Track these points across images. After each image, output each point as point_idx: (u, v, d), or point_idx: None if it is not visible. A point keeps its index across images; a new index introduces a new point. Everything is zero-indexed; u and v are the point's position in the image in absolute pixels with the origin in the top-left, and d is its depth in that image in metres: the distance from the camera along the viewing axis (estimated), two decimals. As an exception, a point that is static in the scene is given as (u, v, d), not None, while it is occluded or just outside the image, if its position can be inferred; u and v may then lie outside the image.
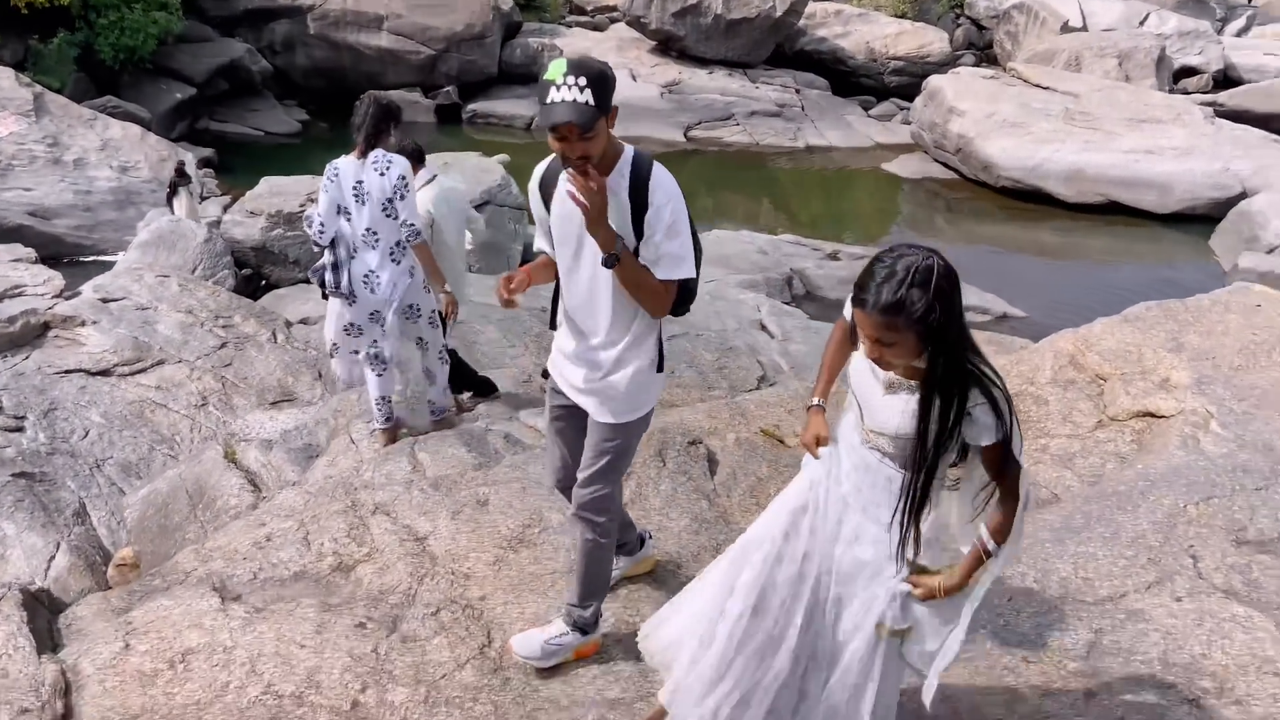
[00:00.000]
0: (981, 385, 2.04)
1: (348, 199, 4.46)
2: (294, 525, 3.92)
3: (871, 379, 2.20)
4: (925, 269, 1.94)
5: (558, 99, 2.42)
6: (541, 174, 2.81)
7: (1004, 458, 2.10)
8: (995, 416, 2.04)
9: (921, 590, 2.23)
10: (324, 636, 3.17)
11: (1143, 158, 20.87)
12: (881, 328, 1.98)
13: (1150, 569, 3.25)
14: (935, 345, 2.00)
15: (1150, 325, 4.97)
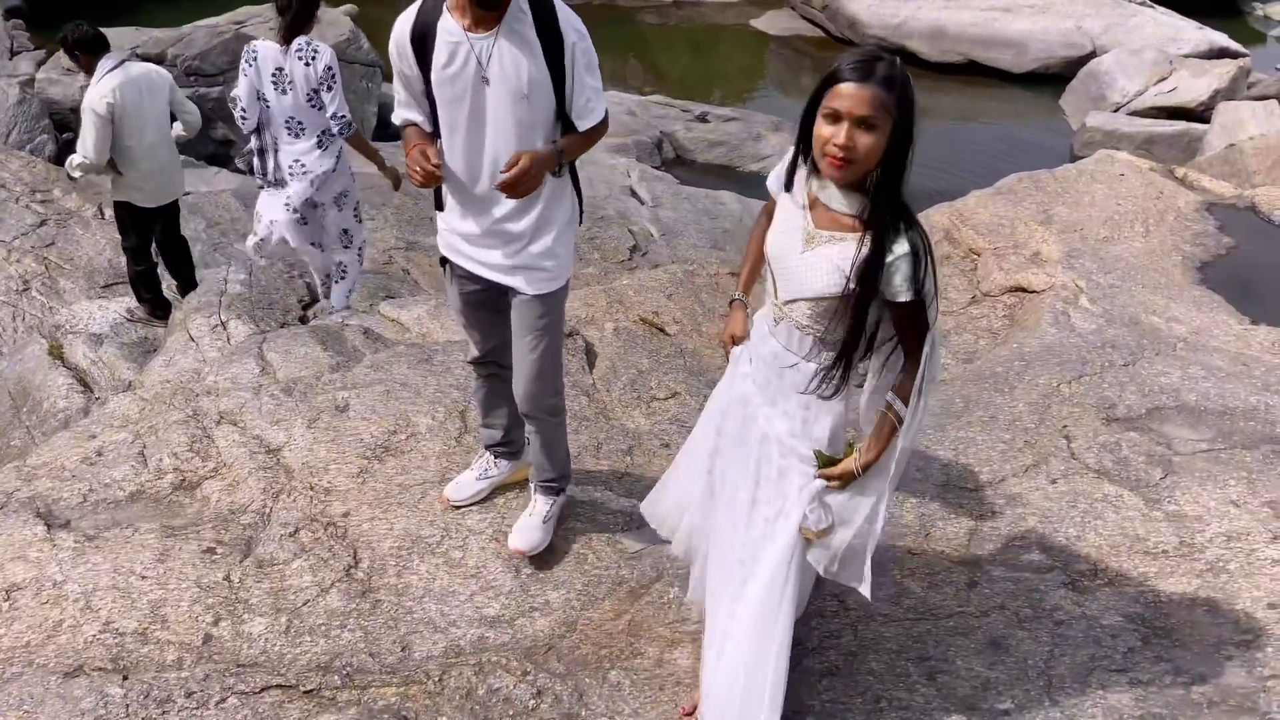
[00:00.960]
0: (909, 232, 1.88)
1: (266, 86, 4.37)
2: (128, 437, 3.54)
3: (789, 239, 2.01)
4: (901, 69, 1.84)
5: None
6: (410, 27, 2.37)
7: (914, 315, 1.94)
8: (913, 268, 1.87)
9: (837, 477, 2.08)
10: (167, 565, 2.87)
11: (1001, 16, 21.05)
12: (876, 104, 1.79)
13: (1027, 452, 3.28)
14: (896, 153, 1.83)
15: (1021, 198, 4.97)
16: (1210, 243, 4.89)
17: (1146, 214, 5.01)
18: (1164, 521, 2.96)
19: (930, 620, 2.66)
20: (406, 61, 2.39)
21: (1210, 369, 3.71)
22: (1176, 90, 17.39)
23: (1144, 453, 3.26)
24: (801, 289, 2.00)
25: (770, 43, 23.34)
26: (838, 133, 1.83)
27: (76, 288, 7.34)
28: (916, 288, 1.88)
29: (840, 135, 1.82)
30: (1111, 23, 20.86)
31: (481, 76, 2.30)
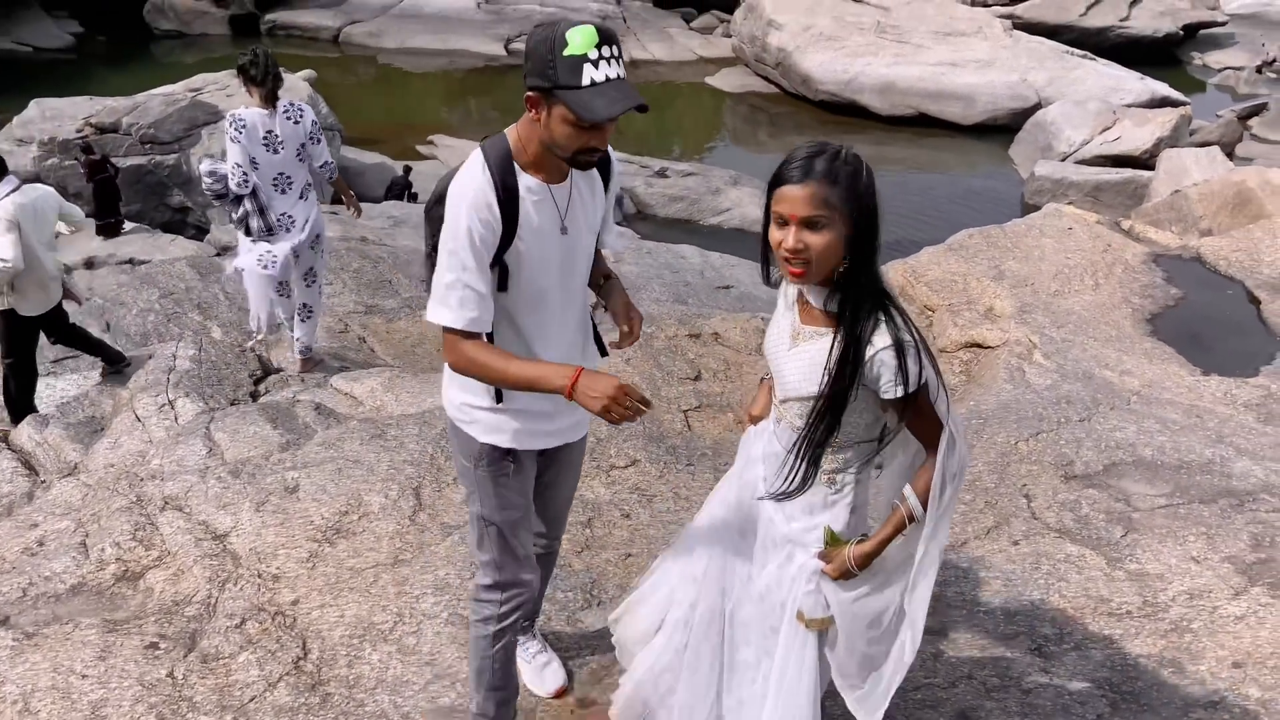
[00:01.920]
0: (890, 325, 1.80)
1: (257, 149, 4.72)
2: (71, 526, 3.42)
3: (779, 336, 1.97)
4: (854, 156, 1.79)
5: (610, 76, 1.86)
6: (494, 189, 1.98)
7: (917, 413, 1.85)
8: (898, 363, 1.78)
9: (832, 563, 1.98)
10: (109, 663, 2.75)
11: (948, 70, 21.63)
12: (817, 202, 1.74)
13: (988, 513, 3.26)
14: (858, 247, 1.78)
15: (973, 253, 5.02)
16: (1159, 294, 4.97)
17: (1095, 267, 5.09)
18: (1126, 581, 2.95)
19: (898, 694, 2.60)
20: (491, 228, 1.98)
21: (1165, 422, 3.74)
22: (1121, 139, 17.90)
23: (1104, 510, 3.25)
24: (788, 388, 1.95)
25: (726, 99, 23.77)
26: (786, 236, 1.78)
27: (24, 364, 7.16)
28: (906, 381, 1.80)
29: (789, 239, 1.78)
30: (1055, 75, 21.51)
31: (561, 227, 2.08)
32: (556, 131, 1.92)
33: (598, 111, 1.84)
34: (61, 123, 14.45)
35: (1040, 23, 25.88)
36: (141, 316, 7.61)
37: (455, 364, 2.07)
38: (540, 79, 1.88)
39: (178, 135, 14.29)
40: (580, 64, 1.84)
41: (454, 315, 2.00)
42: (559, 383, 1.93)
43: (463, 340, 2.01)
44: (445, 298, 2.00)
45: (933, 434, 1.87)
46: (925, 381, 1.82)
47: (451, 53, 25.01)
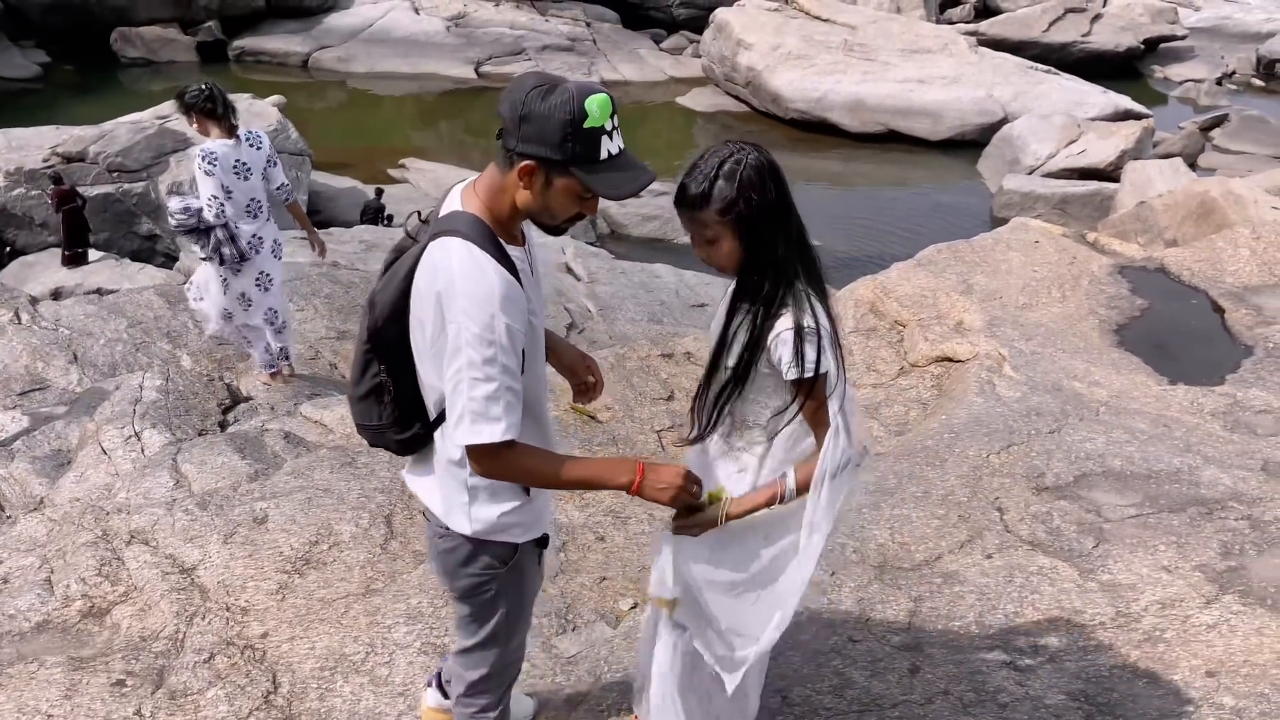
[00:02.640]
0: (796, 309, 1.87)
1: (230, 178, 4.86)
2: (35, 562, 3.36)
3: (719, 318, 2.05)
4: (734, 161, 1.85)
5: (621, 147, 1.77)
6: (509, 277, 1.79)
7: (807, 394, 1.90)
8: (795, 349, 1.85)
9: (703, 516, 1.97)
10: (75, 701, 2.70)
11: (916, 87, 21.87)
12: (695, 224, 1.89)
13: (961, 527, 3.27)
14: (751, 243, 1.88)
15: (942, 268, 5.06)
16: (1124, 305, 5.02)
17: (1062, 279, 5.14)
18: (1099, 592, 2.96)
19: (875, 712, 2.60)
20: (525, 319, 1.80)
21: (1133, 432, 3.77)
22: (1086, 152, 18.15)
23: (1075, 522, 3.27)
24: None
25: (698, 119, 23.91)
26: (695, 249, 1.95)
27: (-10, 397, 7.06)
28: (801, 365, 1.86)
29: (696, 251, 1.95)
30: (1020, 90, 21.80)
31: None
32: (555, 202, 1.79)
33: (621, 189, 1.75)
34: (28, 152, 14.30)
35: (1004, 39, 26.26)
36: (109, 346, 7.51)
37: (500, 475, 1.87)
38: (550, 150, 1.71)
39: (146, 163, 14.17)
40: (599, 137, 1.72)
41: (503, 427, 1.77)
42: (624, 480, 1.85)
43: (506, 450, 1.80)
44: (487, 410, 1.75)
45: (817, 423, 1.93)
46: (823, 372, 1.88)
47: (421, 76, 25.01)
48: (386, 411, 1.97)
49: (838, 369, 1.93)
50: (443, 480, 1.99)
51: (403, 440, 2.01)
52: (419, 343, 1.86)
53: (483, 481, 1.92)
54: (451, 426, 1.81)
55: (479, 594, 2.07)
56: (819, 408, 1.91)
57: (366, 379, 1.96)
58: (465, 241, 1.78)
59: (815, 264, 1.95)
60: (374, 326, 1.91)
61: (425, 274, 1.80)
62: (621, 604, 3.17)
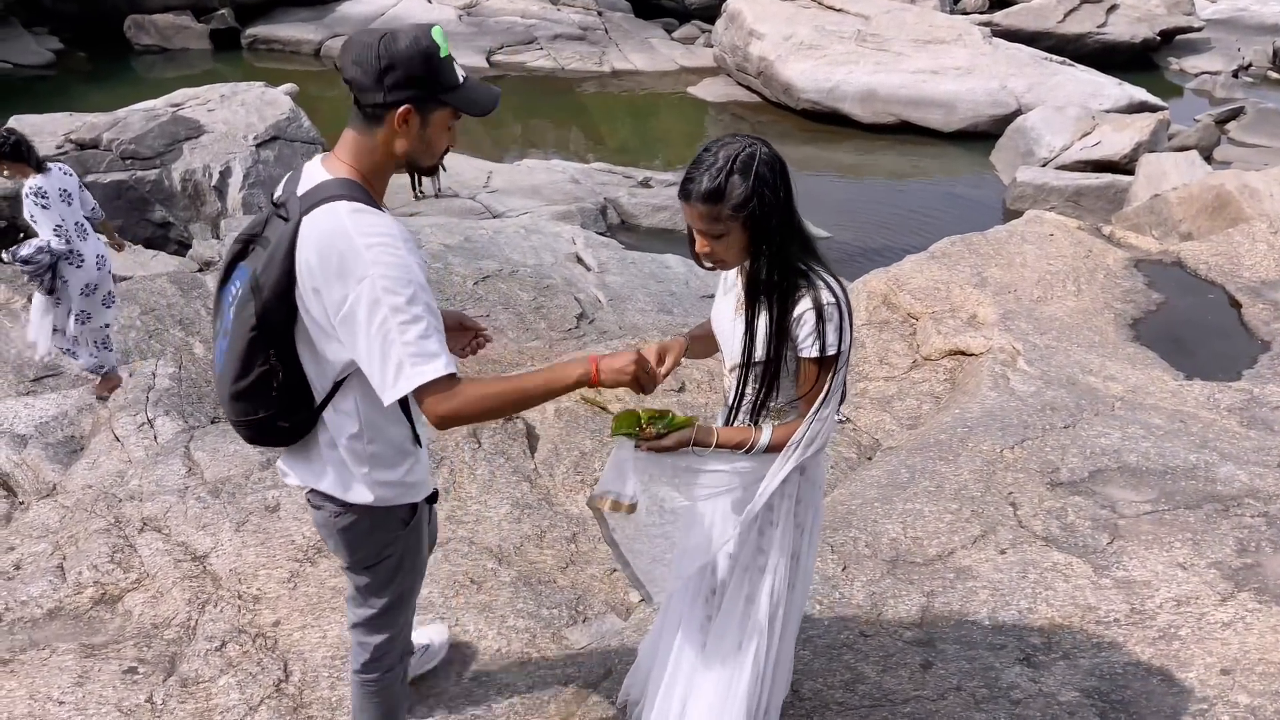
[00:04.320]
0: (813, 291, 1.91)
1: (61, 208, 5.07)
2: (48, 549, 3.37)
3: (725, 312, 2.08)
4: (747, 156, 1.86)
5: (464, 71, 1.88)
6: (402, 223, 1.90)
7: (816, 377, 1.95)
8: (816, 327, 1.90)
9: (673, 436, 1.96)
10: (86, 688, 2.71)
11: (929, 78, 21.73)
12: (704, 218, 1.89)
13: (975, 522, 3.25)
14: (759, 239, 1.89)
15: (955, 261, 5.02)
16: (1140, 299, 4.99)
17: (1077, 273, 5.10)
18: (1114, 589, 2.94)
19: (887, 707, 2.59)
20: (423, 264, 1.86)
21: (1149, 428, 3.74)
22: (1100, 144, 18.02)
23: (1089, 517, 3.25)
24: (732, 356, 2.04)
25: (709, 109, 23.83)
26: (697, 242, 1.94)
27: (4, 383, 7.09)
28: (823, 344, 1.90)
29: (698, 245, 1.95)
30: (1034, 81, 21.66)
31: None
32: (433, 138, 1.86)
33: (484, 103, 1.86)
34: (41, 139, 14.32)
35: (1019, 30, 26.05)
36: (122, 333, 7.53)
37: (460, 412, 1.78)
38: (420, 89, 1.79)
39: (159, 150, 14.19)
40: (451, 64, 1.83)
41: (444, 360, 1.75)
42: (581, 372, 1.87)
43: (456, 384, 1.77)
44: (424, 349, 1.73)
45: (813, 397, 1.96)
46: (840, 352, 1.92)
47: (436, 64, 24.98)
48: (275, 400, 1.90)
49: (850, 348, 1.97)
50: (336, 458, 1.97)
51: (290, 427, 1.95)
52: (315, 316, 1.83)
53: (380, 449, 1.96)
54: (390, 383, 1.75)
55: (382, 561, 2.10)
56: (818, 384, 1.95)
57: (254, 370, 1.88)
58: (349, 201, 1.79)
59: (813, 244, 1.96)
60: (262, 311, 1.83)
61: (314, 243, 1.78)
62: (632, 596, 3.17)
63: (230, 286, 1.94)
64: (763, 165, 1.86)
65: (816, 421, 1.97)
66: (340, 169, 1.86)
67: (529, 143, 21.80)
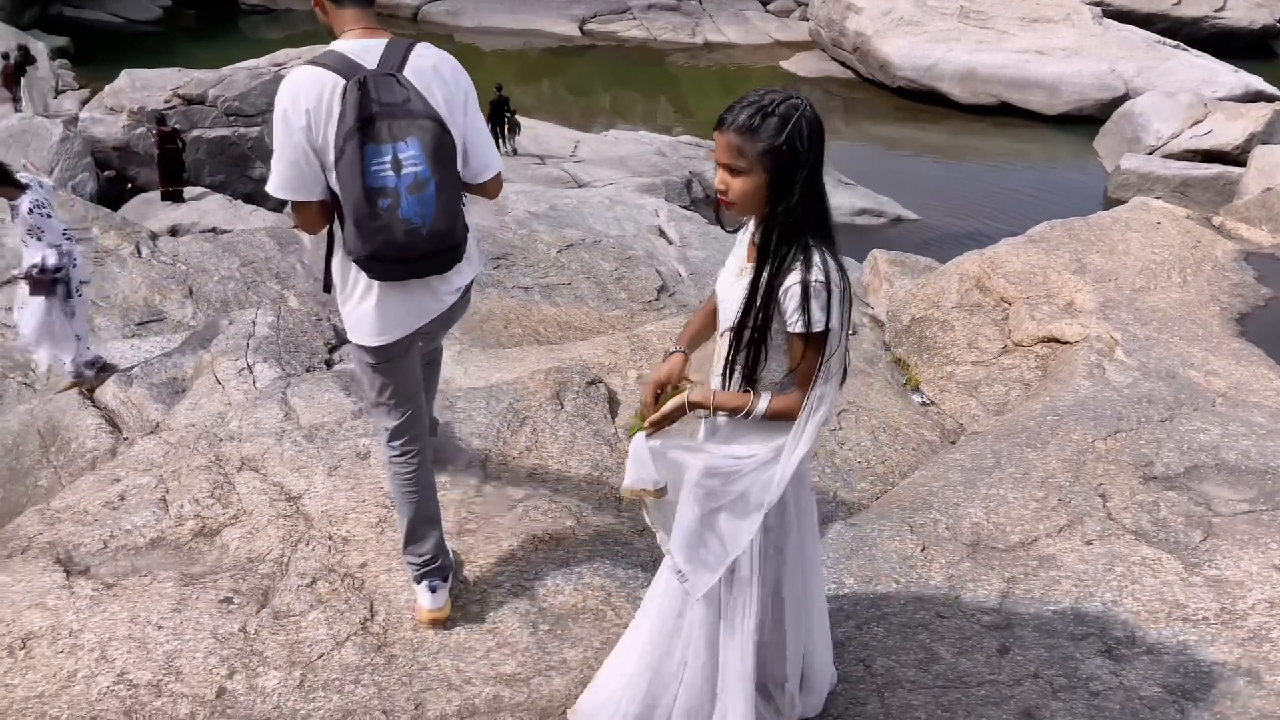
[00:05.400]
0: (805, 266, 1.90)
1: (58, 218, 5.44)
2: (152, 482, 3.54)
3: (730, 272, 2.09)
4: (790, 105, 1.87)
5: None
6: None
7: (803, 354, 1.95)
8: (801, 304, 1.89)
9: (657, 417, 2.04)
10: (184, 615, 2.85)
11: (1033, 58, 21.06)
12: (732, 149, 1.89)
13: (1061, 511, 3.19)
14: (779, 192, 1.88)
15: (1054, 246, 4.89)
16: (1249, 293, 4.79)
17: (1183, 263, 4.92)
18: (1204, 587, 2.86)
19: (960, 688, 2.57)
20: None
21: (1251, 426, 3.60)
22: (1212, 133, 17.25)
23: (1183, 513, 3.15)
24: (727, 319, 2.06)
25: (801, 84, 23.49)
26: (718, 176, 1.94)
27: (112, 325, 7.45)
28: (808, 320, 1.89)
29: (718, 178, 1.94)
30: (1145, 65, 20.80)
31: None
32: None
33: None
34: (150, 93, 14.87)
35: (1132, 11, 25.01)
36: (223, 284, 7.84)
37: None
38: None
39: (261, 109, 14.60)
40: None
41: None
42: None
43: None
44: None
45: (806, 377, 1.96)
46: (827, 328, 1.91)
47: (527, 33, 25.13)
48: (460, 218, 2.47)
49: (842, 328, 1.95)
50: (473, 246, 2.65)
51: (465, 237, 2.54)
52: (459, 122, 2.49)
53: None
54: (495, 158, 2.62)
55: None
56: (808, 365, 1.95)
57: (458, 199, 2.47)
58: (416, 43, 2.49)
59: (829, 222, 1.95)
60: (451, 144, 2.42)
61: (437, 70, 2.48)
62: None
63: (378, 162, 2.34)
64: (803, 119, 1.86)
65: (817, 401, 1.97)
66: (381, 34, 2.48)
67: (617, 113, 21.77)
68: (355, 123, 2.32)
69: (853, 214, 14.75)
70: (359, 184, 2.34)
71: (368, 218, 2.36)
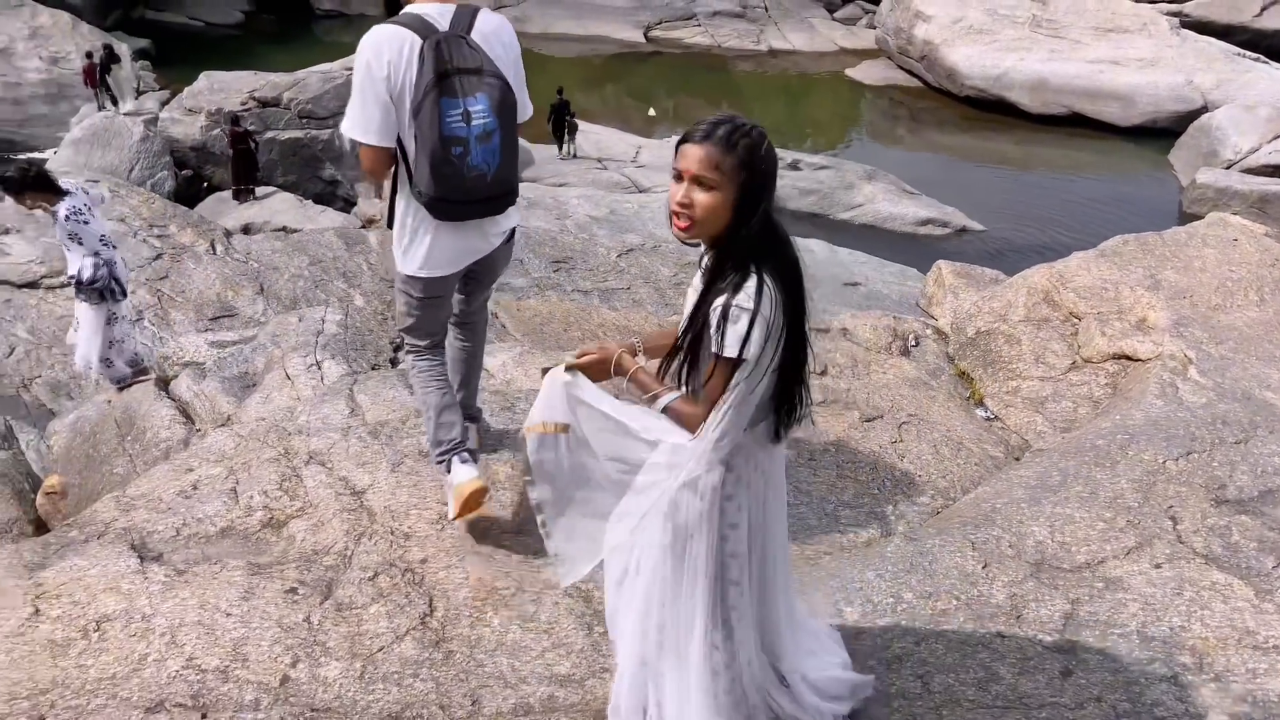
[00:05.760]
0: (736, 289, 1.89)
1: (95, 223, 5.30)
2: (223, 473, 3.64)
3: (693, 284, 2.09)
4: (760, 133, 1.91)
5: None
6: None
7: (712, 373, 1.94)
8: (719, 324, 1.89)
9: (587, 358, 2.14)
10: (251, 603, 2.93)
11: (1108, 68, 20.61)
12: (708, 163, 1.88)
13: (1129, 532, 3.12)
14: (742, 213, 1.90)
15: (1127, 261, 4.78)
16: (1332, 314, 4.62)
17: (1261, 282, 4.78)
18: (1276, 614, 2.77)
19: (1020, 709, 2.53)
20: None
21: (1332, 451, 3.48)
22: (1294, 148, 16.68)
23: (1256, 538, 3.06)
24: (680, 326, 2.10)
25: (866, 92, 23.28)
26: (678, 190, 1.91)
27: (186, 320, 7.68)
28: (721, 342, 1.89)
29: (680, 193, 1.91)
30: (1224, 78, 20.22)
31: None
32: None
33: None
34: (228, 95, 15.29)
35: (1210, 22, 24.31)
36: (292, 281, 8.03)
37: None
38: None
39: (333, 111, 14.92)
40: None
41: None
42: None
43: None
44: None
45: (709, 399, 1.95)
46: (743, 359, 1.89)
47: (591, 39, 25.31)
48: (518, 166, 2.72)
49: (762, 365, 1.92)
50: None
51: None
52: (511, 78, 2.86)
53: None
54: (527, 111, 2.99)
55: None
56: (718, 387, 1.94)
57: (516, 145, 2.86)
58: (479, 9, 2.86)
59: (788, 258, 1.94)
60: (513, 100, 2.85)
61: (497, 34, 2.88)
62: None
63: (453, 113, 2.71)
64: (769, 149, 1.91)
65: (716, 436, 1.96)
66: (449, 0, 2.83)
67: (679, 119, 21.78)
68: (433, 77, 2.67)
69: (917, 224, 14.56)
70: (436, 133, 2.68)
71: (442, 163, 2.72)
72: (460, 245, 2.97)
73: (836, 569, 3.09)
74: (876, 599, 2.91)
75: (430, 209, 2.83)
